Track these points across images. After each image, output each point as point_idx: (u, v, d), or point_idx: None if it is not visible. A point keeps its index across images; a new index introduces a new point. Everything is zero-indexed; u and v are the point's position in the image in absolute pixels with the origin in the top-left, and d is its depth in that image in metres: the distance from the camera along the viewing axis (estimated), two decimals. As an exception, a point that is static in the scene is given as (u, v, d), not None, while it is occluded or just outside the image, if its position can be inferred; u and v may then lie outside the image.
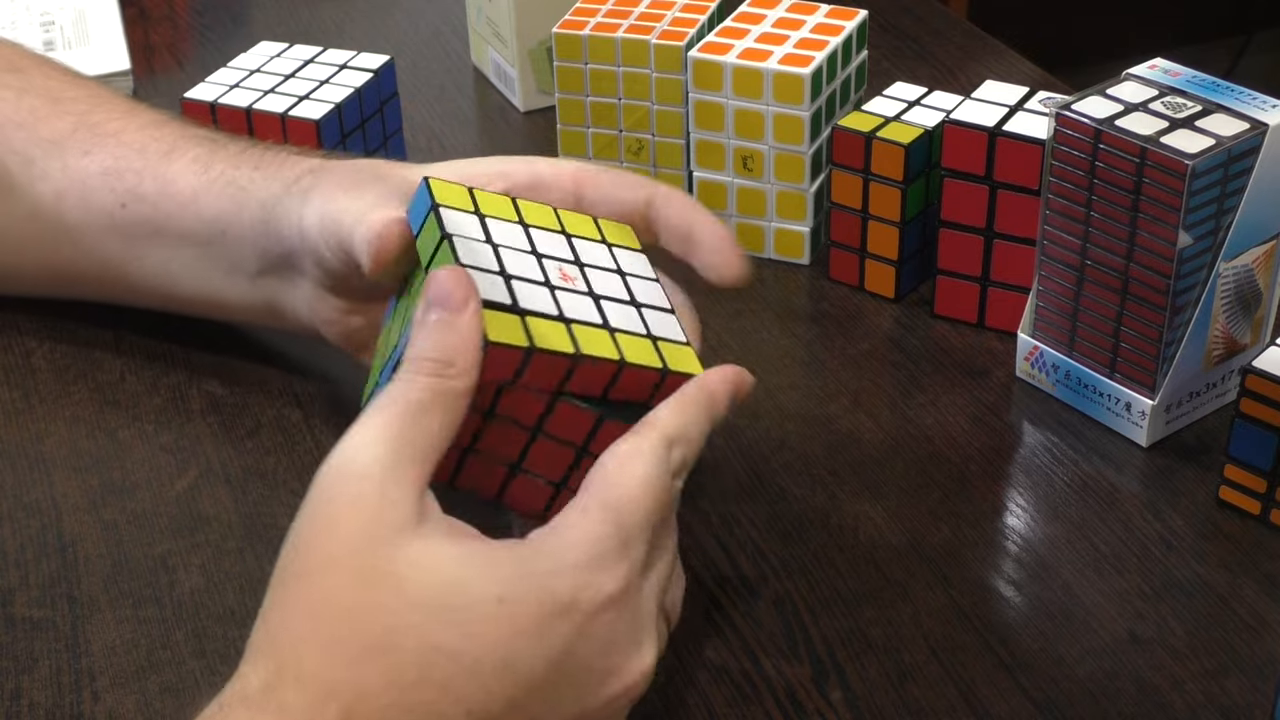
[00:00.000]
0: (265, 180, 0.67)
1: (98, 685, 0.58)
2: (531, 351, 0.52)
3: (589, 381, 0.54)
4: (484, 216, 0.58)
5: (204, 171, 0.69)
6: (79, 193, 0.71)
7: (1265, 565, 0.62)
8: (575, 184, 0.64)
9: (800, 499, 0.66)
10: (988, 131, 0.72)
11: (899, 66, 1.00)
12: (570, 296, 0.56)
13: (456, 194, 0.58)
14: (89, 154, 0.71)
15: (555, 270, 0.57)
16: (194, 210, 0.69)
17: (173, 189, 0.69)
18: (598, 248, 0.61)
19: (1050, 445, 0.69)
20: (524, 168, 0.64)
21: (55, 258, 0.73)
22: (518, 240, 0.58)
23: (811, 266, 0.82)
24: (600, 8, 0.84)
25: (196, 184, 0.69)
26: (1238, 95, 0.66)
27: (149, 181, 0.70)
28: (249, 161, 0.69)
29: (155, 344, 0.75)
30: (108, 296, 0.75)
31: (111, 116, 0.73)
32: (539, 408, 0.54)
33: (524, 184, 0.63)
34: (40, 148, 0.72)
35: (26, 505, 0.67)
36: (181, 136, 0.71)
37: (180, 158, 0.70)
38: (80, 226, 0.72)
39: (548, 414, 0.54)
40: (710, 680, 0.58)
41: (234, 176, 0.68)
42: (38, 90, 0.75)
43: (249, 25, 1.10)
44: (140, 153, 0.71)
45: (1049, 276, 0.70)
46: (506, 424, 0.54)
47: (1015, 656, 0.58)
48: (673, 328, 0.58)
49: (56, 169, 0.72)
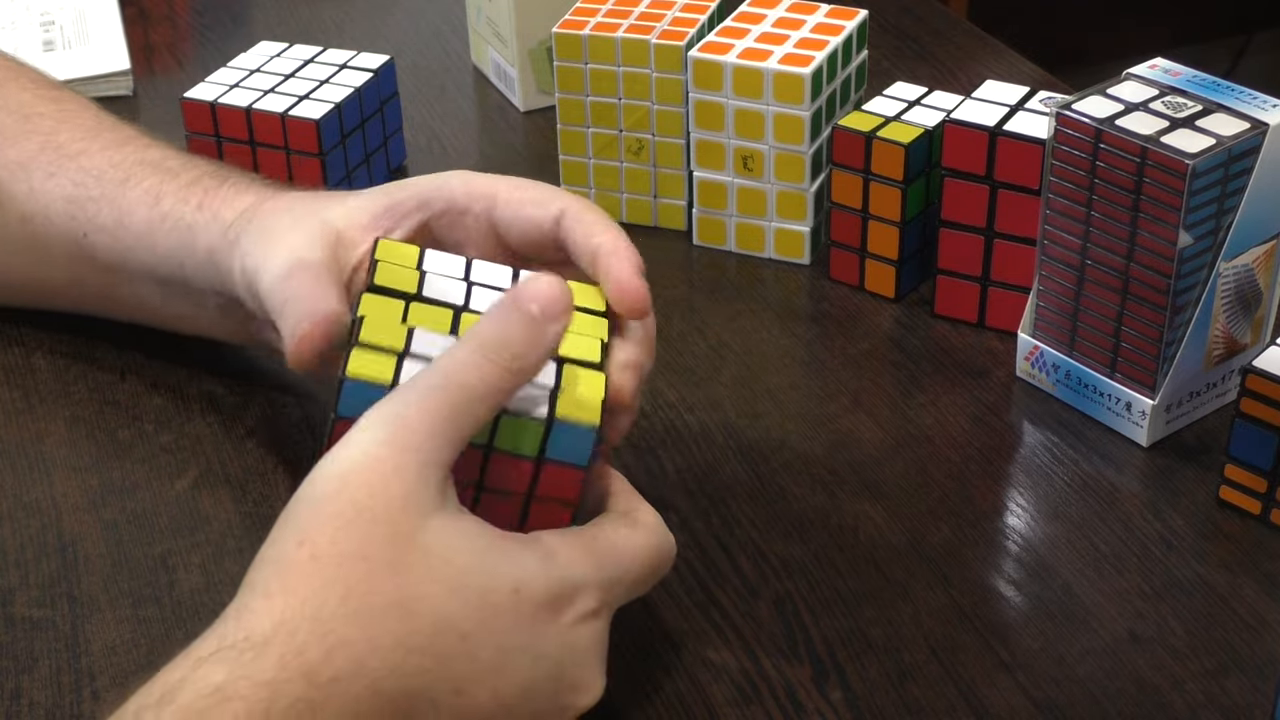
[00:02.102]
0: (206, 224, 0.67)
1: (98, 685, 0.58)
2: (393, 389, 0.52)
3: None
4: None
5: (154, 205, 0.69)
6: (44, 215, 0.71)
7: (1265, 565, 0.62)
8: (487, 206, 0.62)
9: (800, 499, 0.66)
10: (988, 131, 0.72)
11: (899, 66, 1.00)
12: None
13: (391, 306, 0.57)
14: (53, 176, 0.71)
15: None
16: (148, 244, 0.68)
17: (129, 220, 0.69)
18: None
19: (1050, 445, 0.69)
20: (440, 196, 0.63)
21: (33, 273, 0.74)
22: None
23: (811, 266, 0.82)
24: (600, 8, 0.84)
25: (149, 218, 0.68)
26: (1238, 95, 0.66)
27: (107, 212, 0.70)
28: (194, 198, 0.68)
29: (155, 344, 0.75)
30: (87, 310, 0.75)
31: (75, 137, 0.73)
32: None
33: (440, 211, 0.63)
34: (7, 170, 0.72)
35: (26, 505, 0.67)
36: (138, 163, 0.71)
37: (134, 188, 0.70)
38: (49, 247, 0.72)
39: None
40: (710, 680, 0.58)
41: (181, 214, 0.68)
42: (10, 108, 0.74)
43: (249, 25, 1.10)
44: (98, 180, 0.70)
45: (1049, 276, 0.70)
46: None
47: (1015, 656, 0.58)
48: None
49: (23, 191, 0.72)
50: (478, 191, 0.63)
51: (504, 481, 0.54)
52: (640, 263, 0.59)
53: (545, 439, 0.53)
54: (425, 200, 0.63)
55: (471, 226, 0.63)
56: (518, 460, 0.53)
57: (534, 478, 0.54)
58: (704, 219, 0.83)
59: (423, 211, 0.63)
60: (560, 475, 0.54)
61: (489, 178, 0.63)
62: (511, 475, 0.54)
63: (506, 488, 0.54)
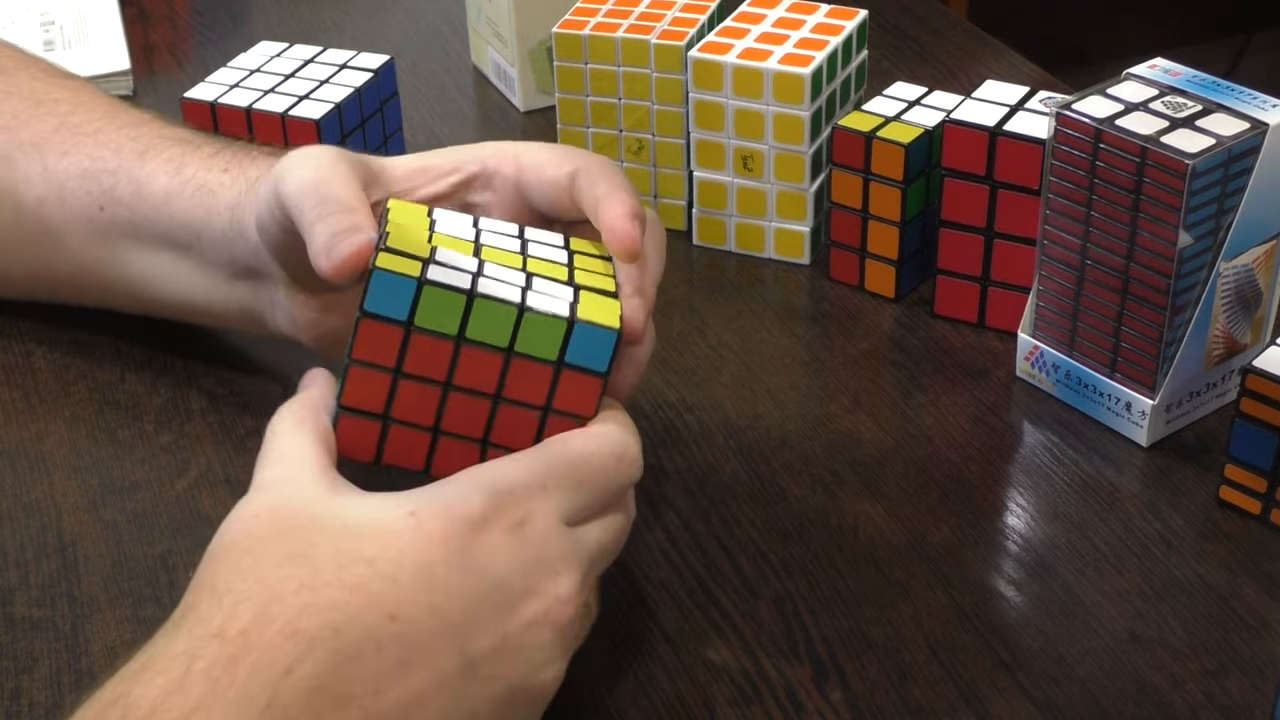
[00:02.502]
0: (233, 182, 0.67)
1: (98, 685, 0.58)
2: (421, 285, 0.52)
3: (489, 328, 0.53)
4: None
5: (176, 173, 0.69)
6: (58, 195, 0.71)
7: (1265, 565, 0.62)
8: (514, 169, 0.64)
9: (800, 499, 0.66)
10: (988, 131, 0.72)
11: (899, 66, 1.00)
12: (495, 267, 0.56)
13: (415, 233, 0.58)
14: (67, 154, 0.71)
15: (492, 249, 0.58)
16: (167, 213, 0.69)
17: (146, 191, 0.69)
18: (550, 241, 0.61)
19: (1050, 445, 0.69)
20: (473, 161, 0.65)
21: (38, 262, 0.73)
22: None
23: (811, 266, 0.82)
24: (600, 7, 0.84)
25: (169, 186, 0.69)
26: (1238, 95, 0.66)
27: (124, 183, 0.70)
28: (219, 164, 0.68)
29: (155, 344, 0.75)
30: (91, 301, 0.74)
31: (92, 117, 0.73)
32: (445, 359, 0.54)
33: (472, 175, 0.64)
34: (21, 151, 0.72)
35: (26, 505, 0.67)
36: (158, 137, 0.71)
37: (155, 158, 0.70)
38: (61, 230, 0.71)
39: (454, 365, 0.54)
40: (710, 680, 0.58)
41: (205, 180, 0.68)
42: (22, 93, 0.74)
43: (249, 25, 1.10)
44: (116, 153, 0.71)
45: (1049, 276, 0.70)
46: (418, 384, 0.54)
47: (1015, 656, 0.58)
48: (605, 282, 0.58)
49: (37, 172, 0.72)
50: (504, 154, 0.64)
51: (523, 391, 0.54)
52: (635, 207, 0.59)
53: (566, 341, 0.53)
54: (458, 165, 0.65)
55: (500, 187, 0.64)
56: (538, 365, 0.54)
57: (552, 385, 0.54)
58: (704, 219, 0.83)
59: (457, 174, 0.64)
60: (578, 385, 0.54)
61: (515, 144, 0.65)
62: (530, 384, 0.54)
63: (524, 399, 0.54)
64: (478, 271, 0.54)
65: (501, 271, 0.55)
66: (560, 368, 0.54)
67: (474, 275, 0.53)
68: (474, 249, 0.57)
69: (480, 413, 0.54)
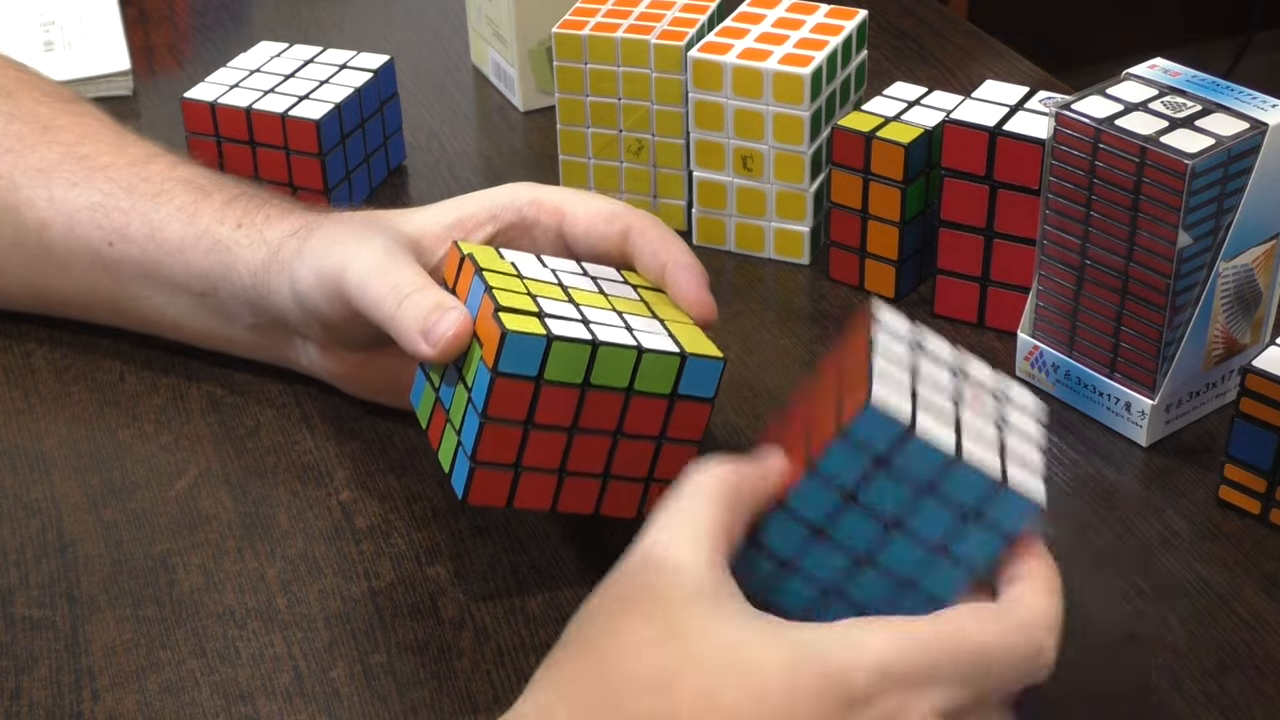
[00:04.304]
0: (250, 243, 0.67)
1: (98, 685, 0.58)
2: (550, 342, 0.55)
3: (611, 372, 0.57)
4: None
5: (189, 223, 0.69)
6: (65, 224, 0.71)
7: (1265, 565, 0.62)
8: (556, 220, 0.65)
9: (800, 499, 0.66)
10: (988, 131, 0.72)
11: (899, 66, 1.00)
12: (592, 310, 0.59)
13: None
14: (76, 186, 0.71)
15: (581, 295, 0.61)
16: (182, 262, 0.69)
17: (160, 235, 0.69)
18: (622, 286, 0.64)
19: (1050, 445, 0.69)
20: (510, 209, 0.65)
21: (42, 283, 0.74)
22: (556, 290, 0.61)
23: (811, 266, 0.82)
24: (600, 8, 0.84)
25: (183, 236, 0.69)
26: (1238, 95, 0.66)
27: (137, 224, 0.70)
28: (232, 218, 0.68)
29: (155, 344, 0.75)
30: (101, 321, 0.75)
31: (100, 149, 0.73)
32: (571, 405, 0.56)
33: (510, 224, 0.65)
34: (26, 175, 0.72)
35: (26, 505, 0.67)
36: (169, 179, 0.71)
37: (167, 204, 0.70)
38: (66, 256, 0.72)
39: (579, 409, 0.57)
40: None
41: (220, 235, 0.68)
42: (26, 117, 0.74)
43: (249, 25, 1.10)
44: (129, 192, 0.71)
45: (1049, 276, 0.70)
46: (546, 432, 0.57)
47: (1015, 656, 0.58)
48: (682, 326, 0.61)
49: (42, 198, 0.72)
50: (547, 205, 0.65)
51: (640, 425, 0.58)
52: (705, 275, 0.63)
53: (679, 375, 0.58)
54: (495, 213, 0.65)
55: (540, 238, 0.66)
56: (654, 400, 0.58)
57: (666, 416, 0.58)
58: (704, 219, 0.83)
59: (493, 224, 0.65)
60: (689, 413, 0.59)
61: (556, 191, 0.66)
62: (648, 417, 0.58)
63: (642, 432, 0.58)
64: (585, 319, 0.57)
65: (601, 315, 0.58)
66: (674, 399, 0.58)
67: (584, 323, 0.57)
68: (562, 291, 0.60)
69: (602, 450, 0.58)
